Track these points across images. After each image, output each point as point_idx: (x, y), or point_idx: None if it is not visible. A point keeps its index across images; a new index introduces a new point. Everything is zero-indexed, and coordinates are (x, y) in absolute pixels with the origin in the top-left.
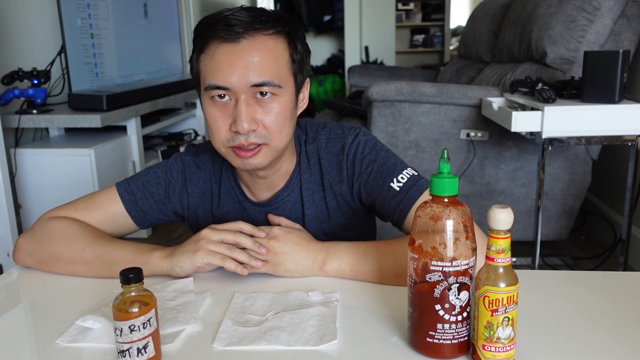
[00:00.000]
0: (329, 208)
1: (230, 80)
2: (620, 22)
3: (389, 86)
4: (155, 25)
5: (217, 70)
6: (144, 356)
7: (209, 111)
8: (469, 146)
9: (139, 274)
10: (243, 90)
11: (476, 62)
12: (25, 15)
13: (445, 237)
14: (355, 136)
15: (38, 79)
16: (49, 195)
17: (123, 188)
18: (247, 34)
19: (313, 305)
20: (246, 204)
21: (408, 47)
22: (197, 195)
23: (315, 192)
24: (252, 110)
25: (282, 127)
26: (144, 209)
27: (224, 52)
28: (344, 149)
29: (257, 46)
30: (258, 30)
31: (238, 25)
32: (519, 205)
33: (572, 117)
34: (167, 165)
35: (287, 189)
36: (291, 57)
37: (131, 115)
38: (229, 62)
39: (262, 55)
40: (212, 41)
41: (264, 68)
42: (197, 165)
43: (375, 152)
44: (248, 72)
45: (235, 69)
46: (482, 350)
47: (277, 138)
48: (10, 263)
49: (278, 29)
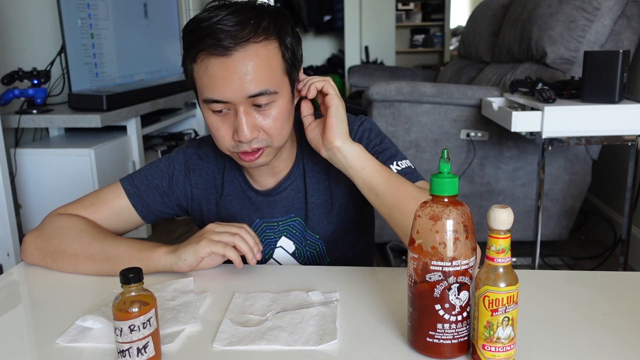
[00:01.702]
0: (332, 196)
1: (227, 95)
2: (620, 22)
3: (389, 86)
4: (155, 25)
5: (212, 85)
6: (143, 356)
7: (210, 120)
8: (469, 146)
9: (139, 274)
10: (240, 102)
11: (476, 62)
12: (25, 15)
13: (445, 237)
14: (361, 123)
15: (38, 79)
16: (49, 195)
17: (127, 183)
18: (239, 46)
19: (313, 305)
20: (250, 193)
21: (408, 47)
22: (201, 186)
23: (320, 181)
24: (251, 119)
25: (281, 128)
26: (149, 201)
27: (217, 67)
28: (350, 134)
29: (250, 57)
30: (248, 40)
31: (228, 38)
32: (519, 205)
33: (572, 117)
34: (169, 158)
35: (290, 177)
36: (284, 58)
37: (131, 115)
38: (223, 77)
39: (255, 65)
40: (202, 53)
41: (258, 78)
42: (200, 157)
43: (380, 138)
44: (243, 84)
45: (230, 82)
46: (482, 350)
47: (278, 139)
48: (11, 263)
49: (268, 33)
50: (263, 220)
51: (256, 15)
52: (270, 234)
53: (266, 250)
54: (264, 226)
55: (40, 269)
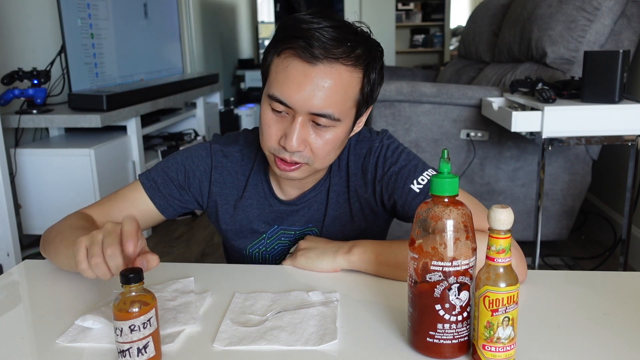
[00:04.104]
0: (352, 210)
1: (293, 101)
2: (620, 22)
3: (389, 86)
4: (155, 25)
5: (284, 86)
6: (144, 356)
7: (265, 114)
8: (469, 146)
9: (139, 274)
10: (302, 113)
11: (476, 62)
12: (25, 15)
13: (446, 237)
14: (381, 140)
15: (38, 79)
16: (49, 195)
17: (145, 177)
18: (326, 60)
19: (313, 305)
20: (272, 200)
21: (408, 47)
22: (220, 185)
23: (341, 194)
24: (305, 132)
25: (328, 154)
26: (166, 194)
27: (296, 70)
28: (370, 151)
29: (331, 75)
30: (338, 59)
31: (320, 48)
32: (519, 205)
33: (572, 117)
34: (188, 151)
35: (315, 190)
36: (361, 91)
37: (131, 115)
38: (298, 83)
39: (333, 85)
40: (290, 51)
41: (329, 99)
42: (225, 155)
43: (397, 155)
44: (313, 99)
45: (302, 91)
46: (482, 350)
47: (320, 162)
48: (11, 263)
49: (359, 61)
50: (281, 227)
51: (355, 39)
52: (286, 241)
53: (277, 255)
54: (280, 233)
55: (40, 269)
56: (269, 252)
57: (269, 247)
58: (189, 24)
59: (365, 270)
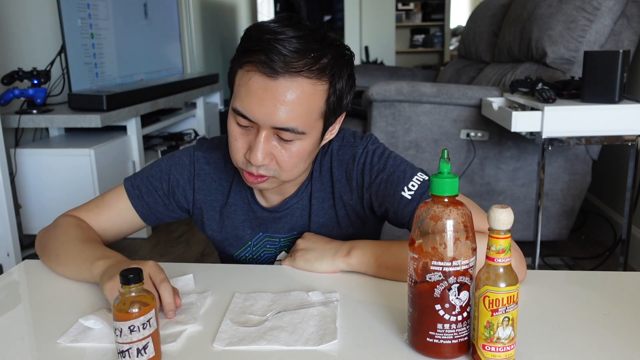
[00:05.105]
0: (338, 216)
1: (255, 116)
2: (620, 22)
3: (389, 86)
4: (155, 25)
5: (246, 100)
6: (143, 357)
7: (231, 128)
8: (469, 146)
9: (139, 275)
10: (266, 127)
11: (476, 62)
12: (25, 15)
13: (446, 237)
14: (365, 145)
15: (38, 79)
16: (49, 195)
17: (129, 183)
18: (287, 74)
19: (313, 305)
20: (255, 207)
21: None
22: (204, 192)
23: (325, 200)
24: (269, 146)
25: (295, 166)
26: (149, 203)
27: (257, 84)
28: (354, 158)
29: (293, 88)
30: (300, 72)
31: (281, 62)
32: (519, 205)
33: (572, 117)
34: (171, 158)
35: (297, 196)
36: (327, 102)
37: (131, 115)
38: (259, 97)
39: (295, 99)
40: (250, 65)
41: (292, 113)
42: (207, 162)
43: (383, 161)
44: (275, 113)
45: (263, 106)
46: (482, 350)
47: (287, 174)
48: (11, 263)
49: (323, 73)
50: (266, 234)
51: (320, 48)
52: (271, 248)
53: (265, 263)
54: (265, 240)
55: (40, 269)
56: (255, 260)
57: (255, 254)
58: (189, 24)
59: (364, 272)
